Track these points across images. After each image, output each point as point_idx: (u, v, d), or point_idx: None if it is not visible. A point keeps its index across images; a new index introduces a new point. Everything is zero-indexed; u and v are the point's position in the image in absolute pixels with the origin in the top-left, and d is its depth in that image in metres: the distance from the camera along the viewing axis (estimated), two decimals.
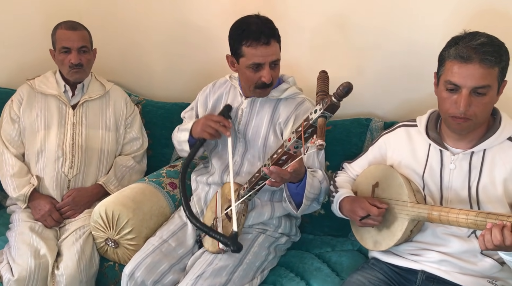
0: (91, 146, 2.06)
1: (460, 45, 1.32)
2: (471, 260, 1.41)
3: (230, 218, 1.62)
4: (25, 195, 1.95)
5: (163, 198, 1.92)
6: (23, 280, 1.72)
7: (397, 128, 1.61)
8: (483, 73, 1.29)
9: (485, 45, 1.30)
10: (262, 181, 1.53)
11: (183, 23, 2.29)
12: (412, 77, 1.95)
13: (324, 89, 1.34)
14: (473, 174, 1.40)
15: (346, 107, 2.06)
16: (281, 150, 1.42)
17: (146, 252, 1.67)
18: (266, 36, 1.58)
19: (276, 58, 1.62)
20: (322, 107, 1.26)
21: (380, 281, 1.49)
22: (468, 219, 1.26)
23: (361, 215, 1.47)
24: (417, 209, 1.39)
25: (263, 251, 1.69)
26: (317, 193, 1.62)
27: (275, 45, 1.62)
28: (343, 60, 2.03)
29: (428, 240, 1.47)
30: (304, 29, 2.06)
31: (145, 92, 2.46)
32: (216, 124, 1.68)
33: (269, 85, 1.66)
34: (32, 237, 1.83)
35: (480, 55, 1.29)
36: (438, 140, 1.46)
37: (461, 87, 1.32)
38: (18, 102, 2.07)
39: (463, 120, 1.34)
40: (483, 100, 1.32)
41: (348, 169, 1.74)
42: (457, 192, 1.43)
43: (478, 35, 1.33)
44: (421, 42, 1.88)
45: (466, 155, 1.42)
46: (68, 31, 1.99)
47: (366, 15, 1.95)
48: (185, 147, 1.82)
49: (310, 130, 1.32)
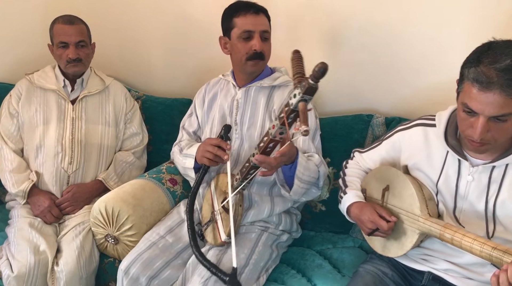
0: (90, 142, 2.04)
1: (480, 67, 1.17)
2: (479, 271, 1.35)
3: (227, 210, 1.62)
4: (24, 191, 1.94)
5: (164, 194, 1.91)
6: (22, 276, 1.71)
7: (414, 126, 1.48)
8: (504, 103, 1.15)
9: (509, 71, 1.13)
10: (253, 170, 1.52)
11: (183, 18, 2.28)
12: (413, 72, 1.93)
13: (300, 71, 1.30)
14: (492, 189, 1.31)
15: (347, 104, 2.06)
16: (266, 138, 1.40)
17: (142, 248, 1.66)
18: (255, 8, 1.71)
19: (265, 28, 1.71)
20: (301, 91, 1.22)
21: (392, 273, 1.46)
22: (483, 252, 1.17)
23: (370, 228, 1.41)
24: (429, 226, 1.32)
25: (268, 250, 1.69)
26: (314, 176, 1.61)
27: (265, 18, 1.72)
28: (343, 56, 2.02)
29: (437, 248, 1.41)
30: (303, 24, 2.05)
31: (145, 87, 2.45)
32: (214, 148, 1.65)
33: (261, 57, 1.70)
34: (31, 233, 1.82)
35: (501, 81, 1.14)
36: (457, 148, 1.34)
37: (478, 113, 1.20)
38: (17, 97, 2.06)
39: (480, 145, 1.24)
40: (503, 126, 1.20)
41: (360, 159, 1.67)
42: (472, 204, 1.34)
43: (505, 55, 1.15)
44: (424, 37, 1.86)
45: (486, 168, 1.31)
46: (66, 25, 1.97)
47: (367, 10, 1.93)
48: (191, 174, 1.82)
49: (293, 115, 1.29)
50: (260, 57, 1.70)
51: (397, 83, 1.98)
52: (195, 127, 1.91)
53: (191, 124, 1.93)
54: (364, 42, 1.98)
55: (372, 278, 1.45)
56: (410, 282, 1.48)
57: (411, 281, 1.48)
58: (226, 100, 1.82)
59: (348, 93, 2.06)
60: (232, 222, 1.50)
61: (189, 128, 1.92)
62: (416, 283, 1.46)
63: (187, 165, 1.80)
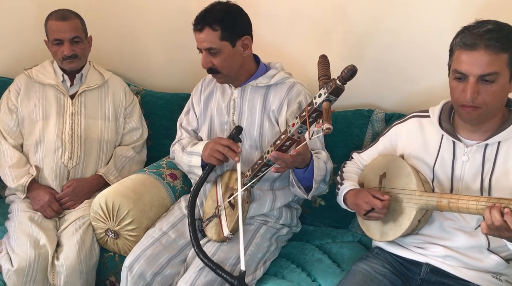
0: (90, 136, 2.04)
1: (466, 33, 1.30)
2: (476, 257, 1.40)
3: (233, 206, 1.62)
4: (24, 185, 1.94)
5: (164, 189, 1.92)
6: (22, 271, 1.71)
7: (409, 118, 1.57)
8: (489, 60, 1.26)
9: (491, 32, 1.26)
10: (265, 168, 1.52)
11: (183, 12, 2.26)
12: (414, 68, 1.94)
13: (326, 73, 1.34)
14: (487, 167, 1.37)
15: (347, 99, 2.06)
16: (284, 136, 1.42)
17: (146, 244, 1.67)
18: (198, 22, 1.63)
19: (208, 46, 1.62)
20: (326, 91, 1.25)
21: (385, 270, 1.49)
22: (479, 205, 1.23)
23: (365, 209, 1.45)
24: (426, 197, 1.37)
25: (265, 242, 1.69)
26: (323, 174, 1.62)
27: (208, 32, 1.61)
28: (345, 51, 2.02)
29: (434, 233, 1.46)
30: (304, 18, 2.05)
31: (144, 82, 2.44)
32: (224, 148, 1.63)
33: (214, 72, 1.68)
34: (31, 227, 1.83)
35: (485, 41, 1.26)
36: (451, 131, 1.43)
37: (467, 75, 1.29)
38: (16, 92, 2.05)
39: (472, 109, 1.31)
40: (492, 88, 1.29)
41: (357, 159, 1.72)
42: (468, 184, 1.40)
43: (486, 23, 1.30)
44: (424, 32, 1.87)
45: (480, 147, 1.38)
46: (59, 21, 1.94)
47: (370, 7, 1.93)
48: (198, 172, 1.74)
49: (314, 115, 1.31)
50: (214, 72, 1.69)
51: (398, 80, 1.98)
52: (194, 125, 1.88)
53: (190, 122, 1.89)
54: (366, 38, 1.98)
55: (363, 277, 1.47)
56: (408, 277, 1.49)
57: (409, 276, 1.49)
58: (223, 100, 1.80)
59: (349, 88, 2.06)
60: (241, 220, 1.50)
61: (188, 126, 1.89)
62: (414, 277, 1.48)
63: (193, 163, 1.74)
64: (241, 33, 1.65)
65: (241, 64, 1.69)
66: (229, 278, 1.42)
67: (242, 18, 1.67)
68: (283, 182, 1.76)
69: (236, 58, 1.66)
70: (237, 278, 1.40)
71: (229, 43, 1.63)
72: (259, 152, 1.73)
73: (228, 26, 1.61)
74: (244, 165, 1.73)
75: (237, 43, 1.64)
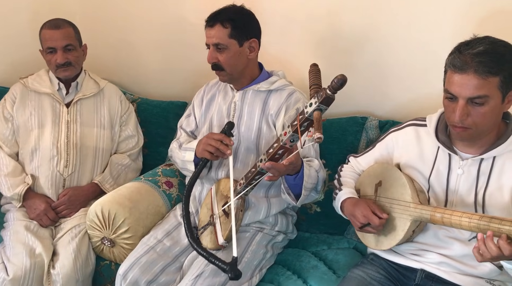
0: (86, 145, 2.04)
1: (457, 54, 1.29)
2: (470, 264, 1.40)
3: (227, 214, 1.62)
4: (19, 194, 1.93)
5: (159, 197, 1.92)
6: (18, 280, 1.70)
7: (406, 126, 1.56)
8: (478, 84, 1.25)
9: (481, 55, 1.25)
10: (259, 176, 1.53)
11: (178, 21, 2.28)
12: (408, 76, 1.95)
13: (317, 82, 1.35)
14: (481, 181, 1.38)
15: (341, 106, 2.07)
16: (277, 145, 1.43)
17: (140, 252, 1.67)
18: (211, 19, 1.70)
19: (216, 41, 1.68)
20: (317, 101, 1.26)
21: (380, 277, 1.49)
22: (471, 222, 1.23)
23: (362, 222, 1.45)
24: (420, 210, 1.37)
25: (261, 249, 1.70)
26: (314, 183, 1.63)
27: (219, 29, 1.68)
28: (339, 59, 2.03)
29: (429, 241, 1.46)
30: (295, 24, 2.06)
31: (140, 90, 2.45)
32: (217, 142, 1.65)
33: (218, 68, 1.71)
34: (27, 236, 1.82)
35: (474, 66, 1.25)
36: (447, 144, 1.42)
37: (457, 97, 1.29)
38: (11, 101, 2.05)
39: (462, 129, 1.32)
40: (481, 109, 1.28)
41: (354, 163, 1.72)
42: (462, 197, 1.40)
43: (479, 43, 1.28)
44: (419, 41, 1.89)
45: (475, 161, 1.38)
46: (51, 30, 1.96)
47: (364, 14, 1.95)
48: (190, 167, 1.78)
49: (306, 124, 1.32)
50: (217, 69, 1.72)
51: (393, 88, 2.00)
52: (192, 127, 1.92)
53: (189, 124, 1.93)
54: (360, 45, 1.99)
55: (359, 283, 1.48)
56: (403, 283, 1.50)
57: (404, 282, 1.49)
58: (224, 102, 1.83)
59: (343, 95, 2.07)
60: (234, 221, 1.51)
61: (186, 128, 1.93)
62: (409, 283, 1.48)
63: (186, 158, 1.79)
64: (250, 35, 1.71)
65: (245, 66, 1.74)
66: (221, 265, 1.44)
67: (252, 22, 1.74)
68: (278, 189, 1.77)
69: (241, 58, 1.71)
70: (229, 264, 1.42)
71: (237, 42, 1.68)
72: (255, 156, 1.75)
73: (238, 25, 1.68)
74: (239, 168, 1.75)
75: (244, 44, 1.70)
